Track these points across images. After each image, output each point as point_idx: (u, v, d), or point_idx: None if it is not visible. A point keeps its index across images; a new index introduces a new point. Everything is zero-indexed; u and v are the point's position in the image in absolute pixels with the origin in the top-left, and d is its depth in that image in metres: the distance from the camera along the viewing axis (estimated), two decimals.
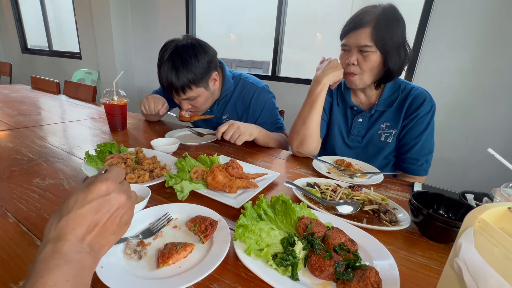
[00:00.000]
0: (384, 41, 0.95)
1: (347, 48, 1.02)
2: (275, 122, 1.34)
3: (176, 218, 0.61)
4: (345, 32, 1.01)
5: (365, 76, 1.02)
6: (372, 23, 0.94)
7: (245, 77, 1.36)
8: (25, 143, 1.04)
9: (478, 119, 2.08)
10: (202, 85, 1.17)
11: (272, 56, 2.90)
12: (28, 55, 5.17)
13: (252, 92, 1.31)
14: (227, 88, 1.30)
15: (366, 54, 0.98)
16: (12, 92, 2.04)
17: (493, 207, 0.31)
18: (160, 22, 3.47)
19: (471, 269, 0.29)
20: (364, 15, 0.96)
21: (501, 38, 1.90)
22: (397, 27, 0.96)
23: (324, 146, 1.24)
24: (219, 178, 0.74)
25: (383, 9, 0.96)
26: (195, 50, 1.13)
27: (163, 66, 1.11)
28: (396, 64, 0.98)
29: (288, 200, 0.59)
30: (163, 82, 1.13)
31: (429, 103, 1.03)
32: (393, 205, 0.73)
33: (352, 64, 1.00)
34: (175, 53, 1.11)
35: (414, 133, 1.05)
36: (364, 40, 0.96)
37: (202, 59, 1.13)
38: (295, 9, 2.76)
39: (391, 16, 0.96)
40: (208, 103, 1.27)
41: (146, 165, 0.83)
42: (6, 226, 0.56)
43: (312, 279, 0.47)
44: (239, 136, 1.06)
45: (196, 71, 1.11)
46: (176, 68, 1.09)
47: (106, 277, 0.42)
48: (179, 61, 1.09)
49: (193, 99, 1.18)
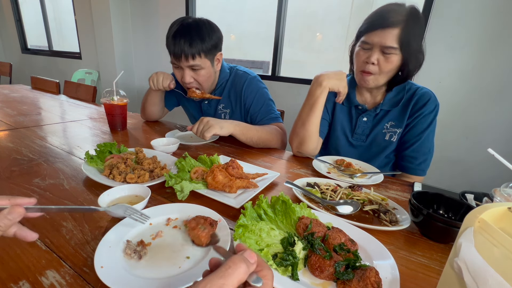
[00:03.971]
0: (410, 44, 0.92)
1: (368, 46, 0.97)
2: (269, 111, 1.31)
3: (176, 218, 0.61)
4: (369, 28, 0.96)
5: (381, 76, 1.00)
6: (400, 24, 0.91)
7: (238, 68, 1.39)
8: (25, 143, 1.04)
9: (478, 119, 2.08)
10: (209, 58, 1.20)
11: (272, 56, 2.90)
12: (28, 55, 5.17)
13: (244, 80, 1.32)
14: (222, 77, 1.33)
15: (389, 55, 0.94)
16: (12, 92, 2.04)
17: (493, 207, 0.31)
18: (160, 22, 3.47)
19: (471, 269, 0.29)
20: (391, 14, 0.92)
21: (501, 38, 1.90)
22: (421, 30, 0.94)
23: (327, 145, 1.23)
24: (219, 178, 0.74)
25: (410, 10, 0.92)
26: (210, 25, 1.18)
27: (176, 33, 1.12)
28: (414, 68, 0.98)
29: (288, 200, 0.59)
30: (174, 48, 1.13)
31: (433, 103, 1.03)
32: (393, 205, 0.73)
33: (372, 63, 0.97)
34: (189, 24, 1.13)
35: (415, 131, 1.05)
36: (390, 41, 0.92)
37: (213, 35, 1.17)
38: (295, 9, 2.76)
39: (417, 19, 0.93)
40: (209, 82, 1.28)
41: (146, 165, 0.83)
42: None
43: (312, 279, 0.47)
44: (208, 129, 1.04)
45: (208, 43, 1.15)
46: (190, 35, 1.12)
47: (106, 277, 0.42)
48: (194, 31, 1.13)
49: (197, 69, 1.19)
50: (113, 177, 0.77)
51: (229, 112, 1.38)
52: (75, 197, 0.69)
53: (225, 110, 1.38)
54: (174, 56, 1.16)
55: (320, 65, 2.89)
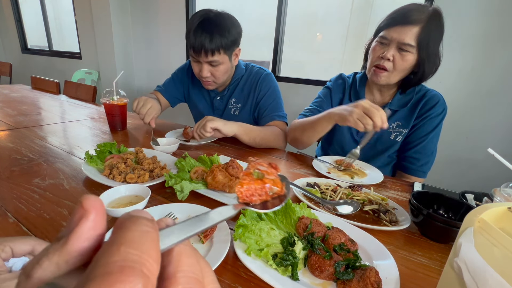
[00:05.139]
0: (428, 45, 0.91)
1: (386, 41, 0.96)
2: (277, 109, 1.32)
3: (176, 218, 0.61)
4: (389, 24, 0.95)
5: (394, 74, 0.98)
6: (421, 23, 0.90)
7: (253, 65, 1.41)
8: (25, 143, 1.04)
9: (478, 119, 2.08)
10: (228, 54, 1.19)
11: (272, 56, 2.90)
12: (28, 55, 5.17)
13: (260, 74, 1.35)
14: (238, 73, 1.34)
15: (405, 53, 0.93)
16: (12, 92, 2.04)
17: (493, 207, 0.31)
18: (160, 22, 3.47)
19: (471, 269, 0.29)
20: (414, 13, 0.91)
21: (501, 38, 1.89)
22: (440, 34, 0.94)
23: (331, 142, 1.23)
24: (219, 178, 0.74)
25: (433, 11, 0.92)
26: (231, 20, 1.17)
27: (197, 27, 1.11)
28: (429, 71, 0.97)
29: (288, 200, 0.59)
30: (194, 43, 1.13)
31: (442, 106, 1.04)
32: (393, 205, 0.73)
33: (387, 59, 0.96)
34: (210, 19, 1.13)
35: (420, 132, 1.05)
36: (408, 39, 0.91)
37: (233, 29, 1.17)
38: (295, 9, 2.76)
39: (439, 21, 0.92)
40: (225, 76, 1.28)
41: (146, 165, 0.83)
42: (6, 226, 0.56)
43: (312, 279, 0.47)
44: (212, 121, 1.04)
45: (228, 38, 1.14)
46: (211, 31, 1.11)
47: None
48: (215, 25, 1.12)
49: (216, 65, 1.19)
50: (113, 177, 0.77)
51: (239, 107, 1.38)
52: (75, 197, 0.69)
53: (236, 105, 1.39)
54: (194, 51, 1.16)
55: (320, 65, 2.89)
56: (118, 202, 0.64)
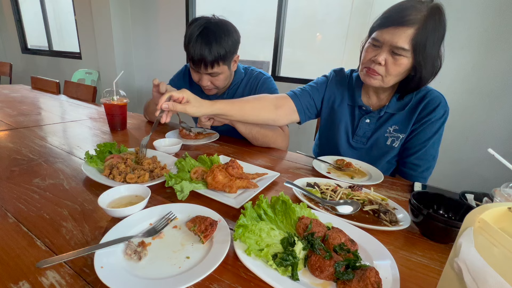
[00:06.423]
0: (425, 48, 0.82)
1: (378, 44, 0.88)
2: None
3: (176, 218, 0.61)
4: (381, 25, 0.87)
5: (388, 78, 0.91)
6: (417, 24, 0.81)
7: (253, 68, 1.41)
8: (25, 143, 1.04)
9: (478, 119, 2.08)
10: (227, 64, 1.20)
11: (272, 56, 2.90)
12: (28, 55, 5.17)
13: (259, 78, 1.35)
14: (237, 78, 1.35)
15: (398, 57, 0.85)
16: (12, 92, 2.04)
17: (493, 207, 0.31)
18: (160, 22, 3.47)
19: (471, 269, 0.29)
20: (409, 12, 0.82)
21: (501, 38, 1.89)
22: (441, 34, 0.84)
23: (328, 144, 1.20)
24: (219, 178, 0.74)
25: (432, 9, 0.82)
26: (228, 27, 1.16)
27: (196, 40, 1.11)
28: (428, 75, 0.89)
29: (288, 200, 0.59)
30: (193, 55, 1.12)
31: (443, 108, 0.97)
32: (393, 205, 0.73)
33: (379, 63, 0.89)
34: (208, 28, 1.12)
35: (421, 138, 0.99)
36: (402, 42, 0.82)
37: (231, 37, 1.16)
38: (295, 9, 2.76)
39: (439, 20, 0.82)
40: (225, 83, 1.28)
41: (146, 165, 0.83)
42: (6, 226, 0.56)
43: (312, 279, 0.47)
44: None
45: (226, 48, 1.14)
46: (209, 42, 1.10)
47: (106, 277, 0.42)
48: (213, 36, 1.11)
49: (215, 76, 1.20)
50: (113, 177, 0.77)
51: None
52: (75, 197, 0.69)
53: None
54: (193, 64, 1.16)
55: (320, 65, 2.89)
56: (118, 202, 0.64)
